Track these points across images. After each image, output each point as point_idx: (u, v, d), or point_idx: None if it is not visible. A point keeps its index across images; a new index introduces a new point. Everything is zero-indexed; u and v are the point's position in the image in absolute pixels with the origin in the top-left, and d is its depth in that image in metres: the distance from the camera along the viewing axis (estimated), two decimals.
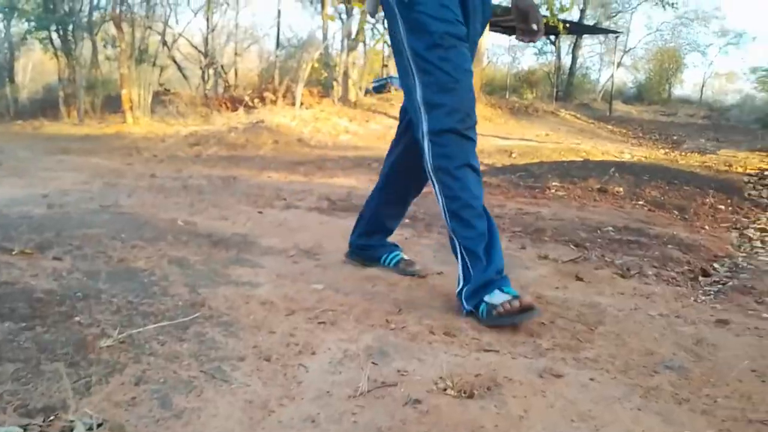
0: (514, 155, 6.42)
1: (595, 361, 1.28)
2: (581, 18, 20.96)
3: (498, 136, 8.89)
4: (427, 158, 1.64)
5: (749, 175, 5.10)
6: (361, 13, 10.97)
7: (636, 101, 22.16)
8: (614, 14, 24.07)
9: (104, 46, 11.75)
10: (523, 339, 1.39)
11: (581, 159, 5.41)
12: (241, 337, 1.29)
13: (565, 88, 21.41)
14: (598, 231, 2.95)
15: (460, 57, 1.60)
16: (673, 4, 16.97)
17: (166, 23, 13.66)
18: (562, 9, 11.18)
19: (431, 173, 1.65)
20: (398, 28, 1.65)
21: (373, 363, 1.18)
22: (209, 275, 1.80)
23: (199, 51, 14.65)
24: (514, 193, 4.10)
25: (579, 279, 2.15)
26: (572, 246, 2.66)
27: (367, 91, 12.80)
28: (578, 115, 13.24)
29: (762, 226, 3.54)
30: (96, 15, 11.98)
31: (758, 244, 3.16)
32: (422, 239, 2.71)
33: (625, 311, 1.76)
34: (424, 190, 4.49)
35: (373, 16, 1.79)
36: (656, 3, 17.34)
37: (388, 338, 1.34)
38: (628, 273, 2.29)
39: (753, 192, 4.34)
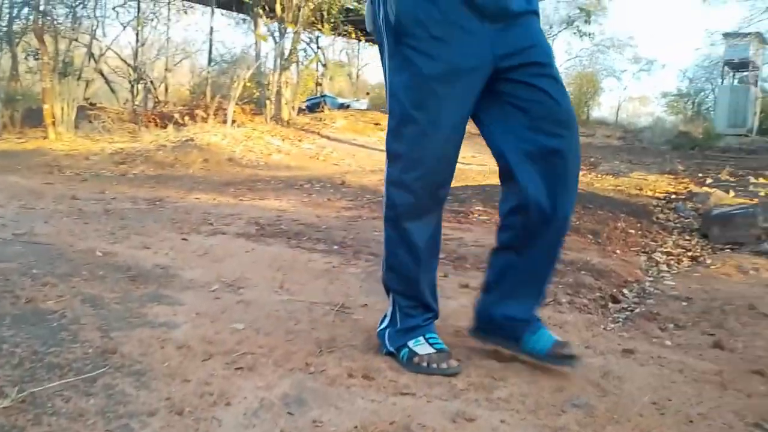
0: None
1: (507, 401, 1.33)
2: None
3: None
4: (383, 202, 1.55)
5: (658, 198, 5.42)
6: (294, 34, 10.98)
7: None
8: None
9: (25, 58, 11.20)
10: (440, 379, 1.42)
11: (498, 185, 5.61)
12: (154, 387, 1.26)
13: None
14: None
15: (443, 108, 1.39)
16: (589, 34, 18.07)
17: (92, 35, 13.19)
18: None
19: (383, 219, 1.57)
20: (384, 57, 1.47)
21: (288, 413, 1.18)
22: (124, 316, 1.74)
23: (128, 65, 14.22)
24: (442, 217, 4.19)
25: None
26: None
27: (300, 110, 12.78)
28: None
29: (668, 249, 3.77)
30: (17, 25, 11.43)
31: (664, 267, 3.36)
32: (350, 267, 2.73)
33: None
34: (354, 213, 4.52)
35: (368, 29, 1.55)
36: (575, 32, 18.38)
37: (306, 384, 1.34)
38: (543, 301, 2.38)
39: (661, 215, 4.62)
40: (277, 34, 11.34)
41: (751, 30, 18.10)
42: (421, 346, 1.50)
